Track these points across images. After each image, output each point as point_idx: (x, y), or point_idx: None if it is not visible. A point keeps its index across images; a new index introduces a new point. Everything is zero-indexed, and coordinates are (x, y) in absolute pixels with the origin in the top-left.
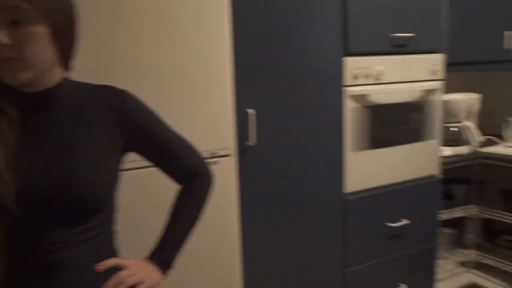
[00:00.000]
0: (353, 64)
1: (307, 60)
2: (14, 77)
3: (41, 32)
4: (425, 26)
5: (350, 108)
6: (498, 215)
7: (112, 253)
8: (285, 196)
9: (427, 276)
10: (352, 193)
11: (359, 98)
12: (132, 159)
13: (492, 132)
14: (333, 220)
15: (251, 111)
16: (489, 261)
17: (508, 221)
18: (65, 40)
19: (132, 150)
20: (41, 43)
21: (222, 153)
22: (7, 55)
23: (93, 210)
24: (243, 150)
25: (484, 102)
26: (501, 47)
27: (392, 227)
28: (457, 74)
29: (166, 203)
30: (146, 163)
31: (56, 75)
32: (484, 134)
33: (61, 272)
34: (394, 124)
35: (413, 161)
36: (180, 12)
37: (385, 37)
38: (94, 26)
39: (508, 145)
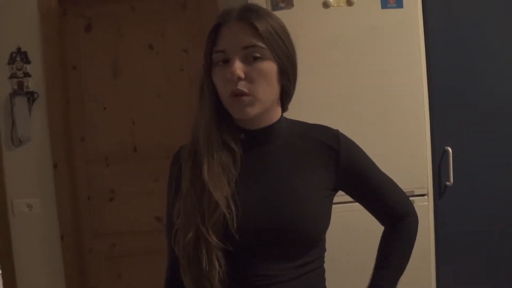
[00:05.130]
0: None
1: (509, 93)
2: (244, 112)
3: (272, 68)
4: None
5: None
6: None
7: None
8: (485, 243)
9: None
10: None
11: None
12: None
13: None
14: None
15: (449, 149)
16: None
17: None
18: (288, 80)
19: (342, 188)
20: (270, 79)
21: (417, 192)
22: (240, 89)
23: (309, 246)
24: (440, 190)
25: None
26: None
27: None
28: None
29: (370, 239)
30: (347, 197)
31: (276, 114)
32: None
33: None
34: None
35: None
36: (375, 49)
37: None
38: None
39: None
